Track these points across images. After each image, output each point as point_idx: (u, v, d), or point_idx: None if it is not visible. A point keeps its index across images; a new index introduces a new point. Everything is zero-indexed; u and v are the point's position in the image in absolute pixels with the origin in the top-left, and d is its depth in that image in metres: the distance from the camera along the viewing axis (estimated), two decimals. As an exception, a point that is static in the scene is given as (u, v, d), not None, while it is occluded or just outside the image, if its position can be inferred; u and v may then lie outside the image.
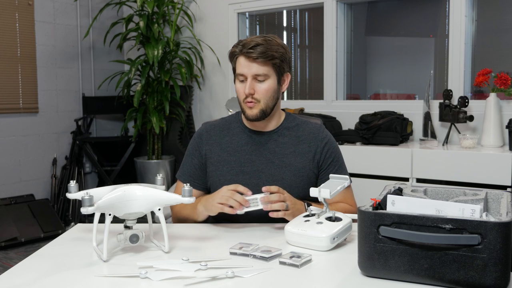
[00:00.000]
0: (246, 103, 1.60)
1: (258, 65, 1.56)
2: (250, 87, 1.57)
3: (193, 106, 4.47)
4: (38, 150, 4.26)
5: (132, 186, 1.28)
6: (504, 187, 2.49)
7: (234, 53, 1.61)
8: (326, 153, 1.67)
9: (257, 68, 1.56)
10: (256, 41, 1.56)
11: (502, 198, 1.20)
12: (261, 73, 1.57)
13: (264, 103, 1.60)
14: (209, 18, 4.30)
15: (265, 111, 1.61)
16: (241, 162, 1.65)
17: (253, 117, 1.61)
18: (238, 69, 1.59)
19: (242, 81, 1.60)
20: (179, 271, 1.12)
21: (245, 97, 1.60)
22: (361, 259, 1.09)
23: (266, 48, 1.56)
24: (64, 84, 4.42)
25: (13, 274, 1.18)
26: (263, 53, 1.55)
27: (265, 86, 1.59)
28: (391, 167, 2.85)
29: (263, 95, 1.59)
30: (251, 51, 1.55)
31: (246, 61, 1.57)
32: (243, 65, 1.58)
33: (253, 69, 1.56)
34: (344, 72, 3.77)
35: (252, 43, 1.56)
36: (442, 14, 3.55)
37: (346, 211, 1.59)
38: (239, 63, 1.59)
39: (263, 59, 1.55)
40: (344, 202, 1.68)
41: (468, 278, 0.98)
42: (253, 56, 1.55)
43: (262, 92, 1.59)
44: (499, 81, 2.79)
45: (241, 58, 1.58)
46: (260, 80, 1.58)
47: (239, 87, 1.61)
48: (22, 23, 4.08)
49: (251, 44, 1.55)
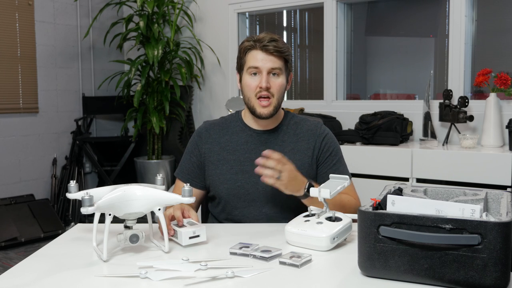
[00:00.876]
0: (260, 99, 1.58)
1: (274, 59, 1.57)
2: (267, 80, 1.57)
3: (193, 106, 4.47)
4: (38, 150, 4.26)
5: (132, 186, 1.28)
6: (504, 187, 2.49)
7: (248, 47, 1.60)
8: (324, 147, 1.67)
9: (274, 62, 1.57)
10: (271, 36, 1.58)
11: (502, 198, 1.20)
12: (277, 67, 1.58)
13: (277, 99, 1.60)
14: (209, 18, 4.30)
15: (277, 108, 1.62)
16: (241, 161, 1.65)
17: (267, 115, 1.60)
18: (252, 62, 1.58)
19: (255, 75, 1.59)
20: (179, 271, 1.12)
21: (258, 91, 1.58)
22: (361, 259, 1.09)
23: (281, 43, 1.58)
24: (64, 84, 4.42)
25: (13, 274, 1.18)
26: (279, 48, 1.57)
27: (279, 81, 1.60)
28: (391, 167, 2.85)
29: (277, 90, 1.59)
30: (268, 44, 1.56)
31: (262, 54, 1.57)
32: (258, 58, 1.57)
33: (269, 63, 1.57)
34: (344, 72, 3.77)
35: (268, 37, 1.57)
36: (442, 14, 3.55)
37: (350, 202, 1.60)
38: (252, 56, 1.58)
39: (279, 53, 1.57)
40: (346, 193, 1.67)
41: (468, 278, 0.98)
42: (270, 49, 1.56)
43: (277, 87, 1.59)
44: (499, 81, 2.79)
45: (255, 52, 1.58)
46: (275, 73, 1.59)
47: (250, 81, 1.59)
48: (22, 23, 4.08)
49: (266, 39, 1.57)
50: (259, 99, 1.59)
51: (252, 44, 1.59)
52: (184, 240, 1.33)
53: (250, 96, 1.60)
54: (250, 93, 1.60)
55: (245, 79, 1.61)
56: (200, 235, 1.35)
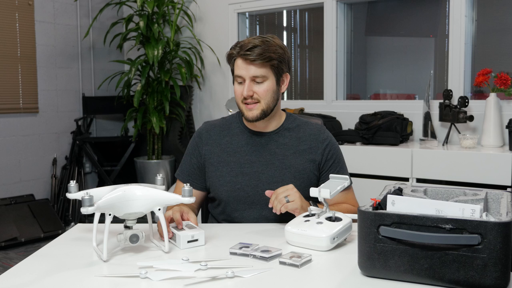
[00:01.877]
0: (245, 104, 1.59)
1: (255, 67, 1.55)
2: (248, 89, 1.57)
3: (193, 106, 4.47)
4: (38, 150, 4.26)
5: (132, 186, 1.28)
6: (504, 187, 2.49)
7: (231, 55, 1.60)
8: (327, 155, 1.67)
9: (255, 70, 1.55)
10: (254, 42, 1.55)
11: (502, 198, 1.20)
12: (259, 75, 1.56)
13: (265, 103, 1.59)
14: (209, 18, 4.30)
15: (266, 111, 1.60)
16: (241, 163, 1.64)
17: (253, 118, 1.60)
18: (236, 71, 1.59)
19: (240, 83, 1.59)
20: (179, 271, 1.12)
21: (243, 99, 1.59)
22: (361, 259, 1.09)
23: (264, 49, 1.54)
24: (64, 84, 4.42)
25: (13, 274, 1.18)
26: (260, 55, 1.54)
27: (264, 87, 1.58)
28: (391, 167, 2.85)
29: (263, 95, 1.58)
30: (248, 53, 1.54)
31: (243, 63, 1.56)
32: (240, 67, 1.57)
33: (251, 71, 1.55)
34: (344, 72, 3.77)
35: (250, 44, 1.54)
36: (442, 14, 3.55)
37: (349, 212, 1.58)
38: (237, 65, 1.58)
39: (261, 61, 1.54)
40: (346, 203, 1.67)
41: (468, 278, 0.98)
42: (250, 58, 1.54)
43: (262, 92, 1.58)
44: (499, 81, 2.79)
45: (238, 60, 1.57)
46: (259, 81, 1.57)
47: (237, 88, 1.61)
48: (22, 23, 4.08)
49: (248, 46, 1.54)
50: (245, 104, 1.60)
51: (234, 53, 1.58)
52: (183, 244, 1.32)
53: (238, 102, 1.63)
54: (237, 99, 1.62)
55: (234, 86, 1.63)
56: (198, 239, 1.34)
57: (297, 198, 1.43)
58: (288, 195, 1.43)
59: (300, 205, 1.43)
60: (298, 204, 1.43)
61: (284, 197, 1.42)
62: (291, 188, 1.45)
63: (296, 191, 1.45)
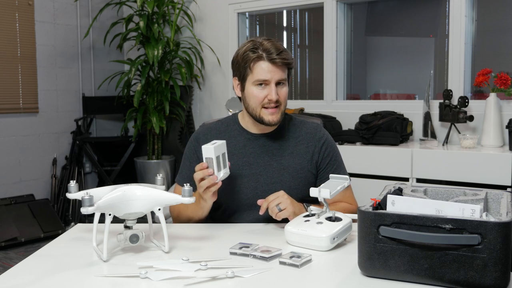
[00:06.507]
0: (265, 109, 1.59)
1: (281, 71, 1.57)
2: (276, 92, 1.57)
3: (193, 106, 4.47)
4: (38, 150, 4.26)
5: (132, 186, 1.28)
6: (504, 187, 2.49)
7: (254, 58, 1.56)
8: (324, 153, 1.67)
9: (281, 74, 1.57)
10: (278, 46, 1.56)
11: (502, 198, 1.20)
12: (284, 78, 1.58)
13: (283, 106, 1.62)
14: (209, 18, 4.30)
15: (283, 114, 1.63)
16: (239, 165, 1.64)
17: (276, 122, 1.61)
18: (260, 74, 1.56)
19: (261, 85, 1.58)
20: (179, 271, 1.12)
21: (266, 103, 1.58)
22: (361, 259, 1.09)
23: (288, 54, 1.58)
24: (64, 84, 4.42)
25: (13, 274, 1.18)
26: (286, 59, 1.56)
27: (285, 90, 1.60)
28: (391, 167, 2.85)
29: (284, 99, 1.60)
30: (277, 58, 1.54)
31: (271, 67, 1.55)
32: (266, 70, 1.55)
33: (277, 75, 1.56)
34: (344, 72, 3.77)
35: (274, 48, 1.55)
36: (442, 14, 3.55)
37: (347, 210, 1.59)
38: (260, 68, 1.56)
39: (286, 65, 1.57)
40: (344, 201, 1.67)
41: (468, 278, 0.98)
42: (278, 62, 1.54)
43: (283, 96, 1.59)
44: (499, 81, 2.79)
45: (263, 64, 1.55)
46: (281, 85, 1.59)
47: (257, 92, 1.58)
48: (22, 23, 4.08)
49: (273, 50, 1.55)
50: (266, 108, 1.59)
51: (260, 55, 1.55)
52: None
53: (256, 106, 1.59)
54: (256, 103, 1.59)
55: (250, 90, 1.59)
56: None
57: (289, 205, 1.45)
58: (280, 203, 1.44)
59: (292, 212, 1.45)
60: (290, 211, 1.44)
61: (275, 205, 1.44)
62: (281, 195, 1.47)
63: (287, 197, 1.47)
